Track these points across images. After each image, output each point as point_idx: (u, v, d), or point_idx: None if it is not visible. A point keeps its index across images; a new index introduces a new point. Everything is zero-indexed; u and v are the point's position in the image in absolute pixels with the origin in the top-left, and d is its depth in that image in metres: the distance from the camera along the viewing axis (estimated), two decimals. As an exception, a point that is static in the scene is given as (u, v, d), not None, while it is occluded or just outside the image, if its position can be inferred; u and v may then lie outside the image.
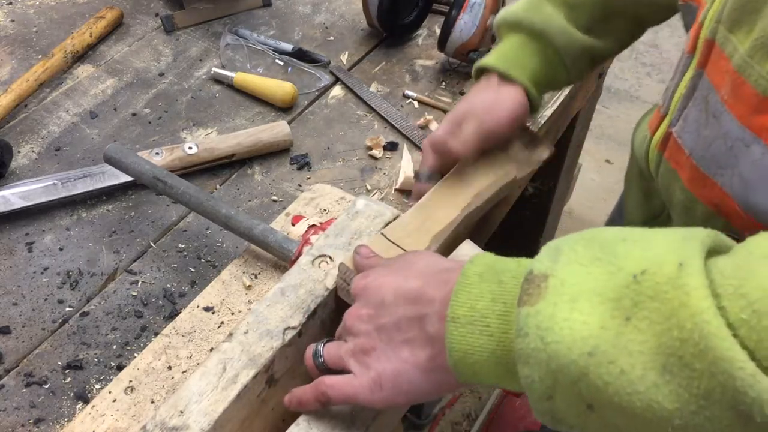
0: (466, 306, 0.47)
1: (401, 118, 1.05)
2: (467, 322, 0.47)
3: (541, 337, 0.41)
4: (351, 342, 0.56)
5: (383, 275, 0.57)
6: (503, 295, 0.46)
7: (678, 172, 0.66)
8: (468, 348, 0.47)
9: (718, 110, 0.58)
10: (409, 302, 0.53)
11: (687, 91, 0.63)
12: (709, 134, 0.60)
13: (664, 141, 0.68)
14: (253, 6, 1.26)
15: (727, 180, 0.58)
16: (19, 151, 0.99)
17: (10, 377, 0.75)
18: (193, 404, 0.58)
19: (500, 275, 0.47)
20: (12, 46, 1.16)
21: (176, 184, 0.82)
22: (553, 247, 0.46)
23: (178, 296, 0.83)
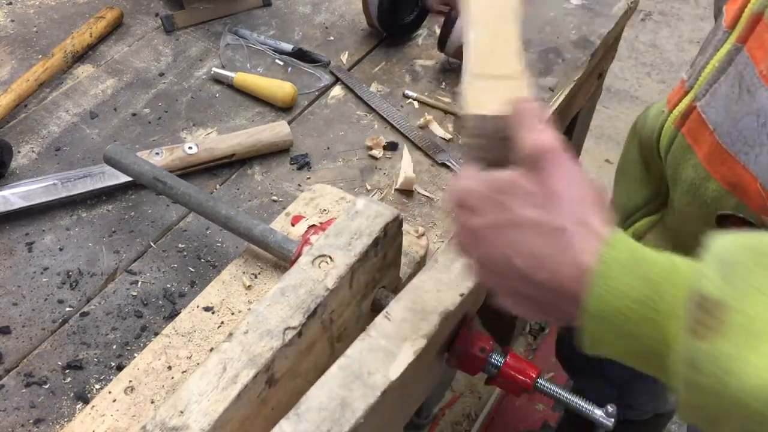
0: (604, 301, 0.43)
1: (401, 118, 1.05)
2: (603, 318, 0.43)
3: (719, 379, 0.38)
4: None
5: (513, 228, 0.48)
6: (651, 297, 0.42)
7: (694, 148, 0.66)
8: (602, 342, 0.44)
9: (754, 85, 0.57)
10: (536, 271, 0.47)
11: (720, 65, 0.63)
12: (740, 110, 0.59)
13: (685, 116, 0.67)
14: (253, 6, 1.26)
15: (751, 158, 0.58)
16: (19, 151, 0.99)
17: (10, 377, 0.75)
18: (193, 404, 0.58)
19: (646, 269, 0.43)
20: (12, 46, 1.16)
21: (176, 184, 0.82)
22: (723, 260, 0.41)
23: (178, 296, 0.83)
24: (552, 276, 0.46)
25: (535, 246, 0.47)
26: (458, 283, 0.67)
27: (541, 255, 0.47)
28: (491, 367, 0.70)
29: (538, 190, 0.49)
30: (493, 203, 0.49)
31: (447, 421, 1.76)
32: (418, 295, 0.66)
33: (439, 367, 0.74)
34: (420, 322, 0.64)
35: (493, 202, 0.50)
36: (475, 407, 1.79)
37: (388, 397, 0.61)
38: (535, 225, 0.47)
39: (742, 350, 0.38)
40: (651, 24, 2.87)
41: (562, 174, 0.49)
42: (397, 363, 0.61)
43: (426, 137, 1.02)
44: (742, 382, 0.37)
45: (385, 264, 0.73)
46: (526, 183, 0.49)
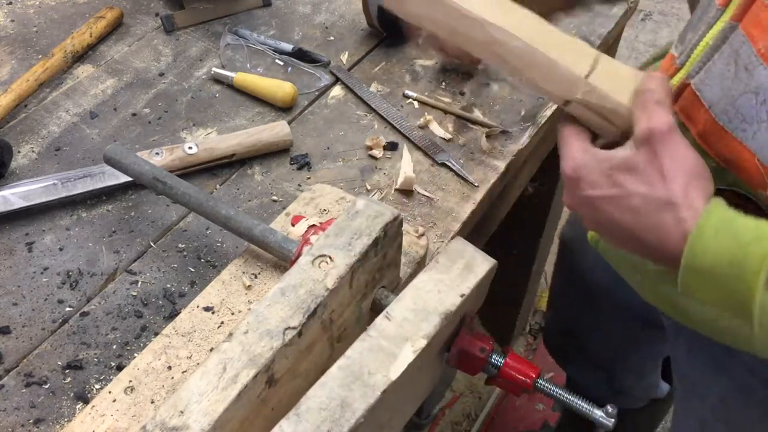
0: (699, 259, 0.53)
1: (401, 118, 1.05)
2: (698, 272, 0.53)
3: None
4: None
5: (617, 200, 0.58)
6: (743, 260, 0.51)
7: (688, 126, 0.67)
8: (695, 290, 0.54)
9: (752, 63, 0.58)
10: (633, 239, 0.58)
11: (714, 43, 0.63)
12: (737, 88, 0.60)
13: (677, 93, 0.68)
14: (253, 6, 1.26)
15: (749, 135, 0.60)
16: (19, 151, 0.99)
17: (10, 377, 0.75)
18: (193, 404, 0.58)
19: (739, 236, 0.51)
20: (12, 46, 1.16)
21: (176, 184, 0.82)
22: None
23: (178, 296, 0.83)
24: (658, 239, 0.56)
25: (645, 215, 0.56)
26: (459, 284, 0.67)
27: (649, 222, 0.56)
28: (491, 367, 0.70)
29: (649, 168, 0.56)
30: (609, 180, 0.58)
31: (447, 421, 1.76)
32: (419, 296, 0.66)
33: (439, 367, 0.74)
34: (420, 322, 0.64)
35: (609, 178, 0.58)
36: (475, 407, 1.79)
37: (388, 398, 0.61)
38: (645, 199, 0.56)
39: None
40: (651, 24, 2.87)
41: (672, 154, 0.56)
42: (398, 363, 0.61)
43: (426, 137, 1.02)
44: None
45: (385, 264, 0.73)
46: (638, 162, 0.57)
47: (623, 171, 0.57)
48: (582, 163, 0.60)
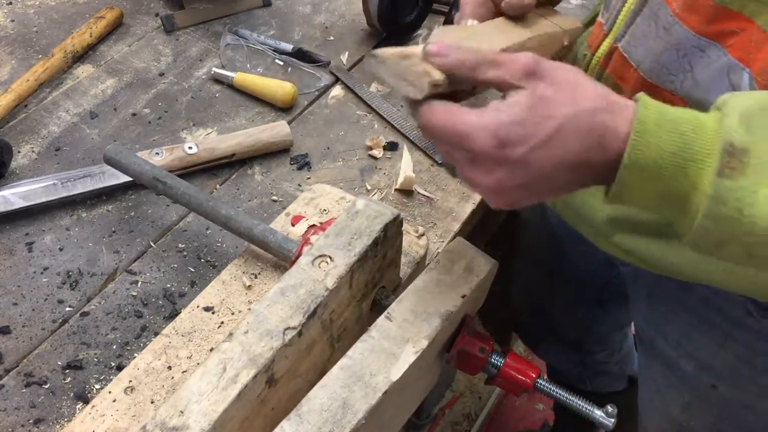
0: (643, 154, 0.50)
1: (401, 118, 1.05)
2: (641, 167, 0.50)
3: (738, 209, 0.48)
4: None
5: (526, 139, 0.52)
6: (686, 149, 0.50)
7: (621, 85, 0.71)
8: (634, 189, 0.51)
9: (668, 23, 0.63)
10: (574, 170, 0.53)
11: (636, 7, 0.67)
12: (659, 46, 0.65)
13: (607, 57, 0.72)
14: (253, 6, 1.26)
15: (677, 85, 0.64)
16: (19, 151, 0.99)
17: (10, 377, 0.75)
18: (193, 404, 0.58)
19: (679, 125, 0.50)
20: (12, 46, 1.16)
21: (176, 184, 0.82)
22: (741, 114, 0.49)
23: (178, 296, 0.83)
24: (601, 149, 0.52)
25: (585, 134, 0.52)
26: (459, 285, 0.67)
27: (591, 138, 0.52)
28: (491, 367, 0.70)
29: (555, 91, 0.52)
30: (530, 123, 0.52)
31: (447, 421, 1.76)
32: (420, 296, 0.66)
33: (440, 368, 0.74)
34: (421, 323, 0.64)
35: (529, 122, 0.52)
36: (475, 407, 1.78)
37: (389, 398, 0.61)
38: (573, 118, 0.52)
39: (759, 186, 0.47)
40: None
41: (563, 70, 0.54)
42: (399, 364, 0.61)
43: (426, 137, 1.02)
44: (754, 209, 0.47)
45: (385, 264, 0.73)
46: (544, 91, 0.52)
47: (539, 107, 0.52)
48: (497, 123, 0.52)
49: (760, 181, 0.47)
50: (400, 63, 0.55)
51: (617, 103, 0.52)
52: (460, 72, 0.55)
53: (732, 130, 0.48)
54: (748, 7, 0.58)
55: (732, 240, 0.49)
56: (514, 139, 0.51)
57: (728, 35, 0.59)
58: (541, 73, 0.53)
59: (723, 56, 0.60)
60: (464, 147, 0.53)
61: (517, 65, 0.53)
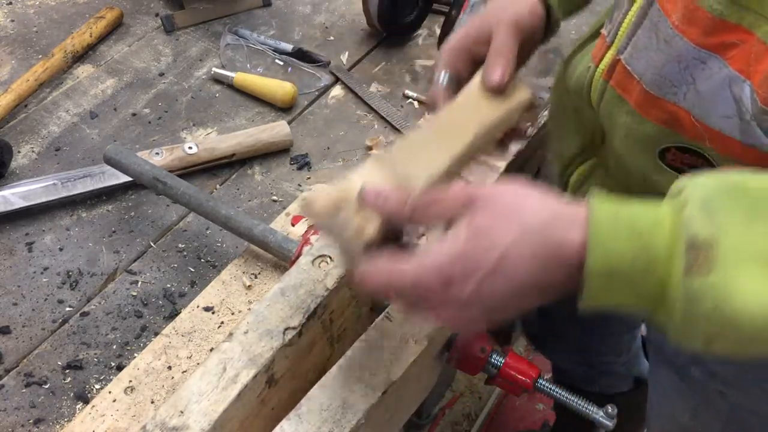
0: (604, 261, 0.47)
1: (401, 118, 1.05)
2: (606, 274, 0.47)
3: (715, 306, 0.44)
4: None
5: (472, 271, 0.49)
6: (645, 248, 0.46)
7: (625, 98, 0.69)
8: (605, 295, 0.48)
9: (669, 35, 0.62)
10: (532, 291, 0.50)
11: (636, 19, 0.67)
12: (660, 58, 0.64)
13: (611, 69, 0.70)
14: (253, 6, 1.26)
15: (680, 97, 0.63)
16: (19, 151, 0.99)
17: (10, 377, 0.75)
18: (193, 404, 0.58)
19: (635, 225, 0.47)
20: (12, 46, 1.16)
21: (176, 184, 0.82)
22: (702, 202, 0.46)
23: (178, 296, 0.83)
24: (557, 265, 0.49)
25: (530, 256, 0.49)
26: (458, 283, 0.67)
27: (537, 261, 0.49)
28: (491, 367, 0.70)
29: (495, 218, 0.50)
30: (475, 257, 0.50)
31: (447, 421, 1.75)
32: (419, 295, 0.66)
33: (439, 367, 0.74)
34: (421, 322, 0.64)
35: (473, 255, 0.50)
36: (475, 407, 1.78)
37: (389, 398, 0.61)
38: (518, 242, 0.49)
39: (733, 278, 0.44)
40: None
41: (502, 193, 0.52)
42: (399, 364, 0.61)
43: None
44: (735, 305, 0.43)
45: (385, 264, 0.72)
46: (483, 219, 0.51)
47: (479, 237, 0.50)
48: (438, 263, 0.50)
49: (732, 273, 0.44)
50: (333, 218, 0.54)
51: (566, 213, 0.50)
52: (398, 218, 0.54)
53: (693, 222, 0.45)
54: (747, 19, 0.57)
55: (719, 336, 0.46)
56: (459, 277, 0.50)
57: (728, 47, 0.58)
58: (478, 202, 0.51)
59: (724, 68, 0.59)
60: (412, 295, 0.52)
61: (453, 200, 0.52)
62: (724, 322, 0.44)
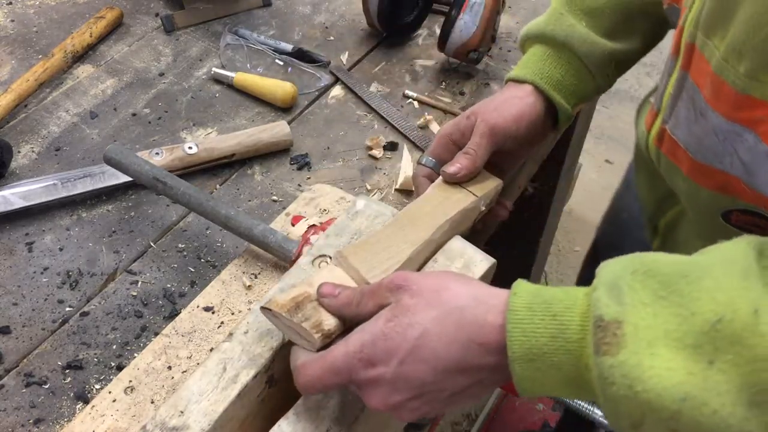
0: (524, 344, 0.48)
1: (401, 118, 1.05)
2: (528, 358, 0.48)
3: (629, 386, 0.44)
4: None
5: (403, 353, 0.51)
6: (563, 331, 0.47)
7: (677, 165, 0.69)
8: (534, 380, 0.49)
9: (703, 108, 0.61)
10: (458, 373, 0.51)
11: (674, 91, 0.66)
12: (700, 130, 0.63)
13: (660, 137, 0.70)
14: (253, 6, 1.26)
15: (727, 165, 0.61)
16: (19, 151, 0.99)
17: (10, 377, 0.75)
18: (193, 404, 0.58)
19: (551, 306, 0.48)
20: (12, 46, 1.16)
21: (176, 184, 0.82)
22: (610, 284, 0.47)
23: (178, 296, 0.83)
24: (480, 348, 0.50)
25: (450, 336, 0.50)
26: (458, 284, 0.67)
27: (457, 340, 0.50)
28: (491, 368, 0.70)
29: (417, 299, 0.52)
30: (393, 334, 0.51)
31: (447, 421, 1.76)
32: (418, 296, 0.66)
33: (439, 367, 0.74)
34: None
35: (392, 334, 0.51)
36: (475, 407, 1.78)
37: (388, 397, 0.61)
38: (438, 321, 0.51)
39: (641, 357, 0.44)
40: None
41: (428, 278, 0.54)
42: (397, 363, 0.61)
43: (426, 137, 1.02)
44: (645, 384, 0.43)
45: (385, 264, 0.72)
46: (406, 302, 0.52)
47: (400, 316, 0.52)
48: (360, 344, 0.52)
49: (642, 352, 0.44)
50: (293, 317, 0.57)
51: (487, 296, 0.51)
52: (347, 311, 0.56)
53: (600, 303, 0.46)
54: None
55: (644, 418, 0.45)
56: (381, 355, 0.51)
57: (758, 122, 0.56)
58: (406, 285, 0.53)
59: (759, 143, 0.57)
60: (342, 380, 0.53)
61: (386, 286, 0.54)
62: (642, 404, 0.44)
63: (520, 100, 0.78)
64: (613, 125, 2.54)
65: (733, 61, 0.55)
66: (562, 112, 0.81)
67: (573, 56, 0.80)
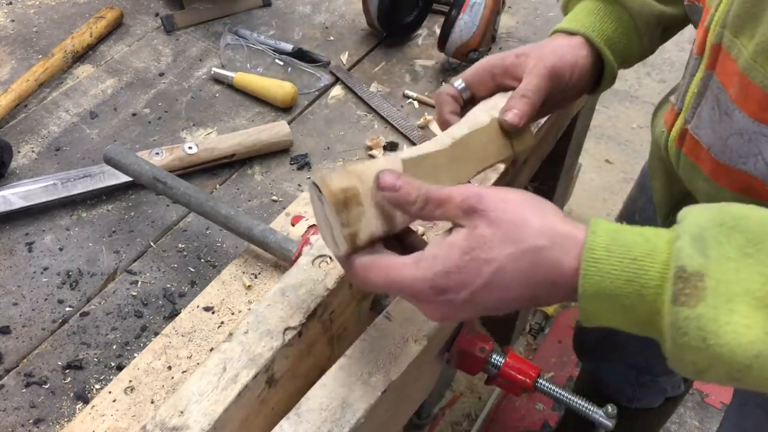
0: (597, 284, 0.48)
1: (401, 118, 1.05)
2: (599, 298, 0.48)
3: (702, 338, 0.44)
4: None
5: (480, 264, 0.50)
6: (641, 275, 0.47)
7: (699, 165, 0.68)
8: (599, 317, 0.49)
9: (729, 108, 0.61)
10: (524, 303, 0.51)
11: (698, 90, 0.65)
12: (724, 130, 0.62)
13: (681, 137, 0.69)
14: (253, 6, 1.26)
15: (750, 167, 0.61)
16: (19, 151, 0.99)
17: (10, 377, 0.75)
18: (193, 404, 0.58)
19: (631, 250, 0.48)
20: (12, 46, 1.16)
21: (176, 184, 0.82)
22: (694, 234, 0.46)
23: (178, 296, 0.83)
24: (551, 284, 0.50)
25: (525, 274, 0.50)
26: (458, 283, 0.67)
27: (531, 279, 0.50)
28: (491, 367, 0.70)
29: (494, 230, 0.50)
30: (471, 268, 0.50)
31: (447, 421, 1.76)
32: (419, 295, 0.66)
33: (439, 368, 0.74)
34: (421, 322, 0.64)
35: (470, 267, 0.50)
36: (475, 407, 1.78)
37: (388, 398, 0.61)
38: (514, 259, 0.50)
39: (719, 312, 0.44)
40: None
41: (506, 206, 0.51)
42: (398, 363, 0.61)
43: (426, 137, 1.02)
44: (720, 340, 0.44)
45: (385, 264, 0.72)
46: (482, 231, 0.51)
47: (476, 250, 0.50)
48: (433, 274, 0.51)
49: (720, 307, 0.44)
50: (337, 214, 0.53)
51: (564, 236, 0.50)
52: (405, 209, 0.54)
53: (682, 253, 0.45)
54: None
55: (710, 368, 0.46)
56: (453, 286, 0.51)
57: None
58: (482, 210, 0.51)
59: None
60: (406, 296, 0.53)
61: (458, 204, 0.52)
62: (712, 356, 0.44)
63: (572, 49, 0.74)
64: (613, 125, 2.54)
65: (762, 60, 0.55)
66: (609, 69, 0.77)
67: (624, 13, 0.77)
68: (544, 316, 1.94)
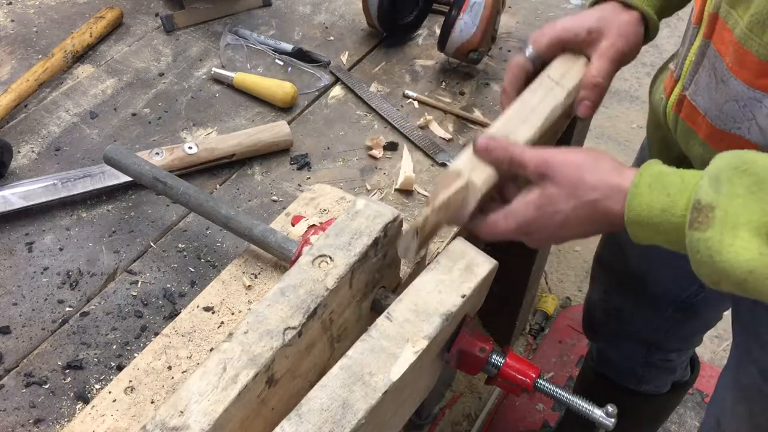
0: (637, 213, 0.61)
1: (401, 118, 1.05)
2: (640, 223, 0.61)
3: (709, 255, 0.56)
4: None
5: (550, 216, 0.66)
6: (671, 207, 0.59)
7: (695, 130, 0.73)
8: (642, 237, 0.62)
9: (725, 76, 0.66)
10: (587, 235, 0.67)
11: (696, 58, 0.70)
12: (720, 97, 0.68)
13: (679, 103, 0.74)
14: (253, 6, 1.26)
15: (745, 131, 0.67)
16: (19, 151, 0.99)
17: (10, 377, 0.75)
18: (193, 404, 0.58)
19: (667, 188, 0.59)
20: (12, 46, 1.16)
21: (176, 184, 0.82)
22: (713, 175, 0.57)
23: (178, 296, 0.83)
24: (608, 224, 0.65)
25: (586, 219, 0.65)
26: (460, 285, 0.67)
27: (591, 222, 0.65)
28: (491, 367, 0.70)
29: (560, 190, 0.65)
30: (543, 219, 0.67)
31: (447, 421, 1.76)
32: (420, 296, 0.66)
33: (439, 368, 0.74)
34: (421, 323, 0.64)
35: (542, 219, 0.67)
36: (475, 407, 1.78)
37: (389, 398, 0.61)
38: (576, 210, 0.65)
39: (724, 236, 0.55)
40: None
41: (566, 169, 0.65)
42: (399, 364, 0.61)
43: (426, 137, 1.02)
44: (722, 257, 0.55)
45: (385, 264, 0.73)
46: (551, 190, 0.66)
47: (546, 206, 0.66)
48: (516, 225, 0.68)
49: (726, 233, 0.54)
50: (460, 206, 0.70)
51: (615, 189, 0.63)
52: (496, 166, 0.70)
53: (701, 190, 0.56)
54: None
55: (720, 280, 0.57)
56: (534, 230, 0.68)
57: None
58: (550, 173, 0.66)
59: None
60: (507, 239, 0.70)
61: (533, 170, 0.67)
62: (719, 270, 0.56)
63: (634, 28, 0.78)
64: (613, 125, 2.54)
65: (757, 30, 0.60)
66: (653, 33, 0.80)
67: None
68: (544, 316, 1.94)
